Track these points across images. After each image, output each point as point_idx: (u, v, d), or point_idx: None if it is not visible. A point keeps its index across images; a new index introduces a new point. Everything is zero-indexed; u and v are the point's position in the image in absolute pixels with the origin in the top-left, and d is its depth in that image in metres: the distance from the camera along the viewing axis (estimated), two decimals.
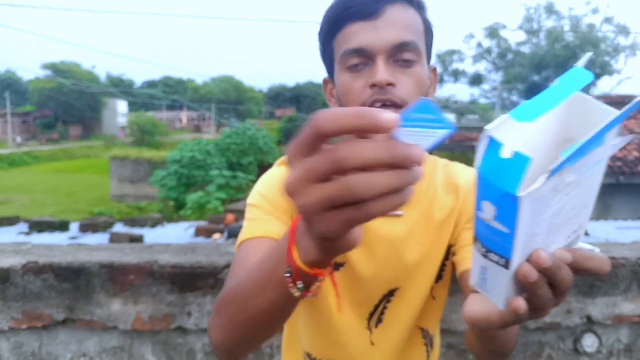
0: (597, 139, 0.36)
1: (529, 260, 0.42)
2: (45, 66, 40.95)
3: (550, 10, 32.10)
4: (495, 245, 0.41)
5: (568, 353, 1.50)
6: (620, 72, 29.86)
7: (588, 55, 0.41)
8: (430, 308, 0.90)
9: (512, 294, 0.45)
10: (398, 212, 0.83)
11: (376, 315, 0.86)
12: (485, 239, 0.42)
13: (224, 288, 0.65)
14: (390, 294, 0.85)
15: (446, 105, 34.84)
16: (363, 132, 0.36)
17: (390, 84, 0.72)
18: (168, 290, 1.34)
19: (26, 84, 49.73)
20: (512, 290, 0.44)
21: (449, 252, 0.88)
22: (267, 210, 0.79)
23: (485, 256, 0.43)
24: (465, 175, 0.89)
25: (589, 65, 0.42)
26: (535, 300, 0.44)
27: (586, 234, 4.45)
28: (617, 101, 12.62)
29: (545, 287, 0.44)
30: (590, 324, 1.47)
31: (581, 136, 0.36)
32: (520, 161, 0.36)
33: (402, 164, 0.36)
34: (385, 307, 0.86)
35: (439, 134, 0.37)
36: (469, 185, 0.88)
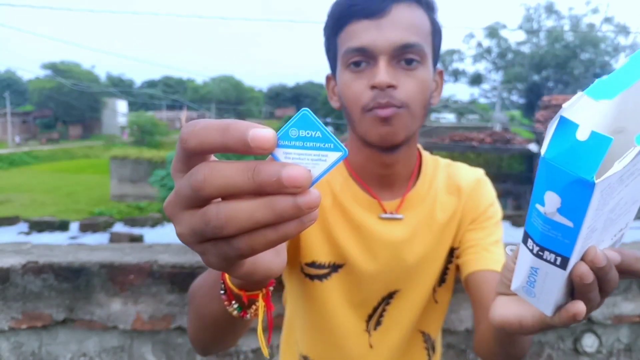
0: None
1: (583, 259, 0.39)
2: (45, 66, 40.95)
3: (550, 10, 32.09)
4: (553, 242, 0.37)
5: (568, 353, 1.50)
6: None
7: None
8: (433, 312, 0.89)
9: (561, 299, 0.42)
10: (398, 215, 0.82)
11: (375, 317, 0.85)
12: (541, 236, 0.38)
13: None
14: (389, 296, 0.84)
15: (446, 105, 34.82)
16: (231, 151, 0.29)
17: (391, 86, 0.71)
18: (168, 290, 1.34)
19: (26, 83, 49.73)
20: (561, 293, 0.41)
21: (452, 255, 0.87)
22: None
23: (538, 256, 0.39)
24: (467, 175, 0.88)
25: (589, 65, 0.41)
26: (587, 307, 0.42)
27: None
28: None
29: (597, 290, 0.41)
30: (590, 323, 1.47)
31: (635, 126, 0.33)
32: (599, 143, 0.32)
33: (272, 191, 0.29)
34: (384, 310, 0.85)
35: (330, 159, 0.30)
36: (471, 185, 0.87)
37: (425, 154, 0.90)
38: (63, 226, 5.16)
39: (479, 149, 13.07)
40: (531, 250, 0.40)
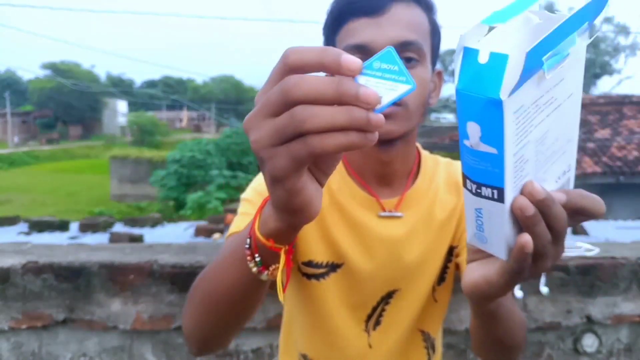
0: (567, 29, 0.34)
1: (522, 193, 0.40)
2: (45, 66, 40.96)
3: (550, 10, 32.07)
4: (485, 175, 0.38)
5: (568, 353, 1.50)
6: (621, 71, 29.87)
7: None
8: (432, 311, 0.88)
9: (511, 239, 0.42)
10: (397, 213, 0.82)
11: (374, 317, 0.85)
12: (474, 172, 0.39)
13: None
14: (389, 296, 0.84)
15: (446, 105, 34.82)
16: (325, 70, 0.35)
17: None
18: (168, 290, 1.34)
19: (26, 83, 49.72)
20: (511, 234, 0.42)
21: (452, 254, 0.87)
22: (259, 204, 0.79)
23: (477, 194, 0.40)
24: None
25: (589, 65, 0.41)
26: (535, 242, 0.42)
27: (586, 233, 4.44)
28: (617, 101, 12.62)
29: (542, 224, 0.42)
30: (590, 323, 1.47)
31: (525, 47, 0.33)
32: (498, 61, 0.33)
33: (349, 101, 0.34)
34: (383, 310, 0.85)
35: (400, 90, 0.35)
36: None
37: (425, 153, 0.90)
38: (63, 226, 5.16)
39: None
40: (470, 191, 0.41)
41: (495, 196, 0.39)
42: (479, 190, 0.40)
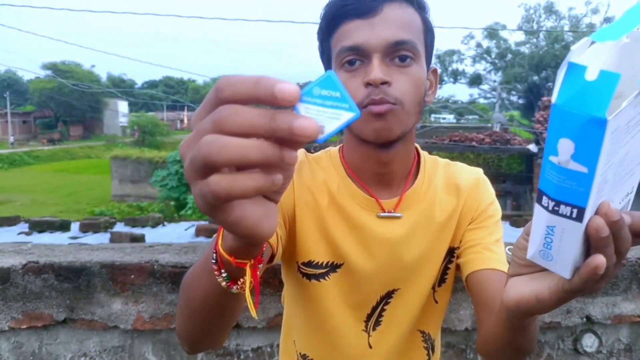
0: None
1: (597, 213, 0.39)
2: (46, 66, 40.94)
3: (549, 10, 32.10)
4: (567, 193, 0.37)
5: (568, 353, 1.50)
6: None
7: None
8: (432, 311, 0.89)
9: (579, 259, 0.41)
10: (396, 213, 0.82)
11: (374, 317, 0.85)
12: (556, 189, 0.38)
13: None
14: (388, 296, 0.84)
15: (446, 105, 34.81)
16: (260, 101, 0.33)
17: (384, 83, 0.71)
18: (169, 289, 1.34)
19: (27, 84, 49.74)
20: (578, 253, 0.41)
21: (452, 255, 0.87)
22: None
23: (554, 211, 0.39)
24: (466, 175, 0.88)
25: None
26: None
27: None
28: None
29: (612, 246, 0.41)
30: (590, 323, 1.47)
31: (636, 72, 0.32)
32: (608, 80, 0.32)
33: (284, 135, 0.31)
34: (383, 309, 0.85)
35: (343, 118, 0.33)
36: (470, 185, 0.87)
37: (424, 153, 0.90)
38: (64, 226, 5.16)
39: (479, 149, 13.08)
40: (546, 208, 0.40)
41: (574, 215, 0.38)
42: (556, 208, 0.39)
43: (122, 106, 45.29)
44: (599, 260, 0.40)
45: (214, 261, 0.50)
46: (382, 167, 0.81)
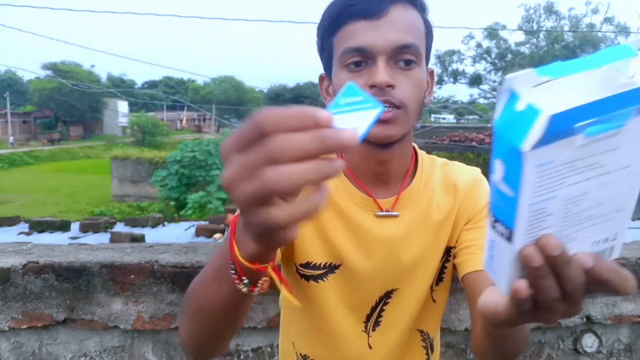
0: (613, 107, 0.33)
1: (537, 243, 0.39)
2: (46, 66, 40.94)
3: (549, 10, 32.09)
4: (501, 213, 0.38)
5: (568, 353, 1.50)
6: None
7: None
8: (430, 311, 0.89)
9: (515, 279, 0.41)
10: (394, 212, 0.82)
11: (374, 318, 0.85)
12: (495, 207, 0.39)
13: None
14: (387, 296, 0.84)
15: (445, 105, 34.81)
16: (305, 130, 0.35)
17: (389, 86, 0.72)
18: (169, 289, 1.34)
19: (27, 84, 49.74)
20: (516, 275, 0.41)
21: (449, 254, 0.87)
22: None
23: (493, 227, 0.40)
24: (464, 174, 0.88)
25: None
26: (539, 294, 0.40)
27: None
28: None
29: (550, 280, 0.40)
30: (590, 323, 1.47)
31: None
32: (530, 113, 0.33)
33: (337, 150, 0.35)
34: (383, 310, 0.85)
35: (371, 115, 0.38)
36: (467, 184, 0.87)
37: (421, 153, 0.90)
38: (64, 226, 5.15)
39: (479, 149, 13.07)
40: (490, 223, 0.41)
41: (507, 235, 0.39)
42: (494, 224, 0.40)
43: (122, 106, 45.27)
44: (518, 284, 0.40)
45: (233, 271, 0.51)
46: (380, 166, 0.81)
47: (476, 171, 0.91)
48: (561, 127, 0.33)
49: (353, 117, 0.37)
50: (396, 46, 0.72)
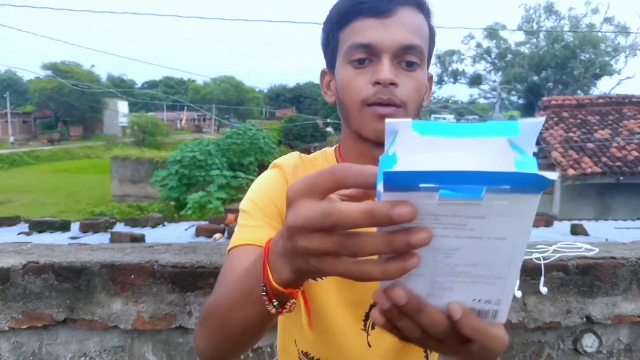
0: (464, 180, 0.34)
1: (385, 289, 0.42)
2: (46, 66, 40.91)
3: (549, 10, 32.07)
4: None
5: (568, 353, 1.50)
6: (620, 72, 29.85)
7: (541, 119, 0.37)
8: None
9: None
10: None
11: None
12: None
13: (211, 297, 0.66)
14: None
15: (445, 105, 34.81)
16: (389, 223, 0.37)
17: (392, 84, 0.73)
18: (169, 289, 1.34)
19: (27, 84, 49.71)
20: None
21: None
22: (257, 216, 0.79)
23: None
24: None
25: (589, 66, 0.40)
26: (402, 331, 0.45)
27: (586, 234, 4.43)
28: (617, 101, 12.61)
29: (406, 321, 0.43)
30: (590, 323, 1.47)
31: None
32: (386, 161, 0.36)
33: (402, 251, 0.37)
34: None
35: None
36: None
37: None
38: (64, 226, 5.14)
39: None
40: None
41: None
42: None
43: (122, 106, 45.26)
44: (373, 313, 0.44)
45: (264, 293, 0.52)
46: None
47: None
48: (401, 183, 0.35)
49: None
50: (402, 46, 0.73)
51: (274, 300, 0.52)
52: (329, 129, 30.68)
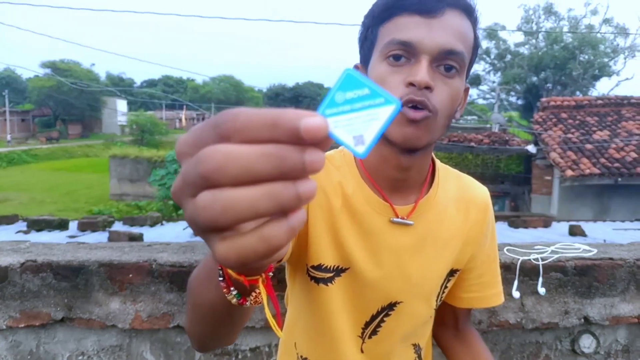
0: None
1: None
2: (45, 64, 40.81)
3: (549, 11, 32.09)
4: None
5: (566, 354, 1.50)
6: (619, 73, 29.87)
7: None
8: (427, 326, 0.90)
9: None
10: (409, 221, 0.81)
11: (372, 326, 0.85)
12: None
13: None
14: (390, 308, 0.84)
15: None
16: (280, 143, 0.27)
17: (428, 87, 0.69)
18: (167, 289, 1.34)
19: (25, 82, 49.65)
20: None
21: (452, 276, 0.87)
22: None
23: None
24: (476, 194, 0.89)
25: (588, 67, 0.40)
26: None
27: (584, 235, 4.44)
28: (615, 102, 12.63)
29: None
30: (587, 324, 1.48)
31: None
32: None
33: (300, 176, 0.27)
34: (383, 321, 0.84)
35: (383, 114, 0.28)
36: (479, 209, 0.88)
37: (438, 162, 0.89)
38: (62, 225, 5.13)
39: (477, 150, 13.06)
40: None
41: None
42: None
43: (121, 105, 45.18)
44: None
45: (221, 279, 0.47)
46: (400, 172, 0.79)
47: (486, 194, 0.91)
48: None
49: (355, 119, 0.28)
50: (444, 50, 0.69)
51: (232, 289, 0.47)
52: None
